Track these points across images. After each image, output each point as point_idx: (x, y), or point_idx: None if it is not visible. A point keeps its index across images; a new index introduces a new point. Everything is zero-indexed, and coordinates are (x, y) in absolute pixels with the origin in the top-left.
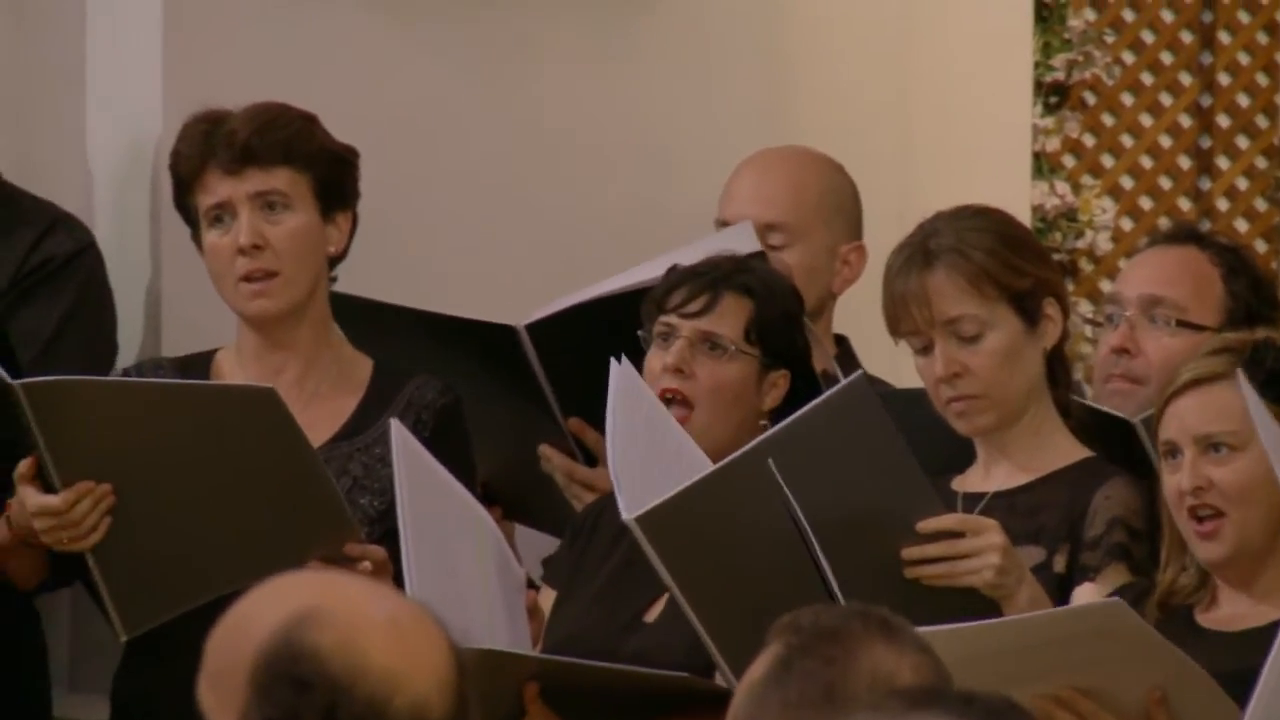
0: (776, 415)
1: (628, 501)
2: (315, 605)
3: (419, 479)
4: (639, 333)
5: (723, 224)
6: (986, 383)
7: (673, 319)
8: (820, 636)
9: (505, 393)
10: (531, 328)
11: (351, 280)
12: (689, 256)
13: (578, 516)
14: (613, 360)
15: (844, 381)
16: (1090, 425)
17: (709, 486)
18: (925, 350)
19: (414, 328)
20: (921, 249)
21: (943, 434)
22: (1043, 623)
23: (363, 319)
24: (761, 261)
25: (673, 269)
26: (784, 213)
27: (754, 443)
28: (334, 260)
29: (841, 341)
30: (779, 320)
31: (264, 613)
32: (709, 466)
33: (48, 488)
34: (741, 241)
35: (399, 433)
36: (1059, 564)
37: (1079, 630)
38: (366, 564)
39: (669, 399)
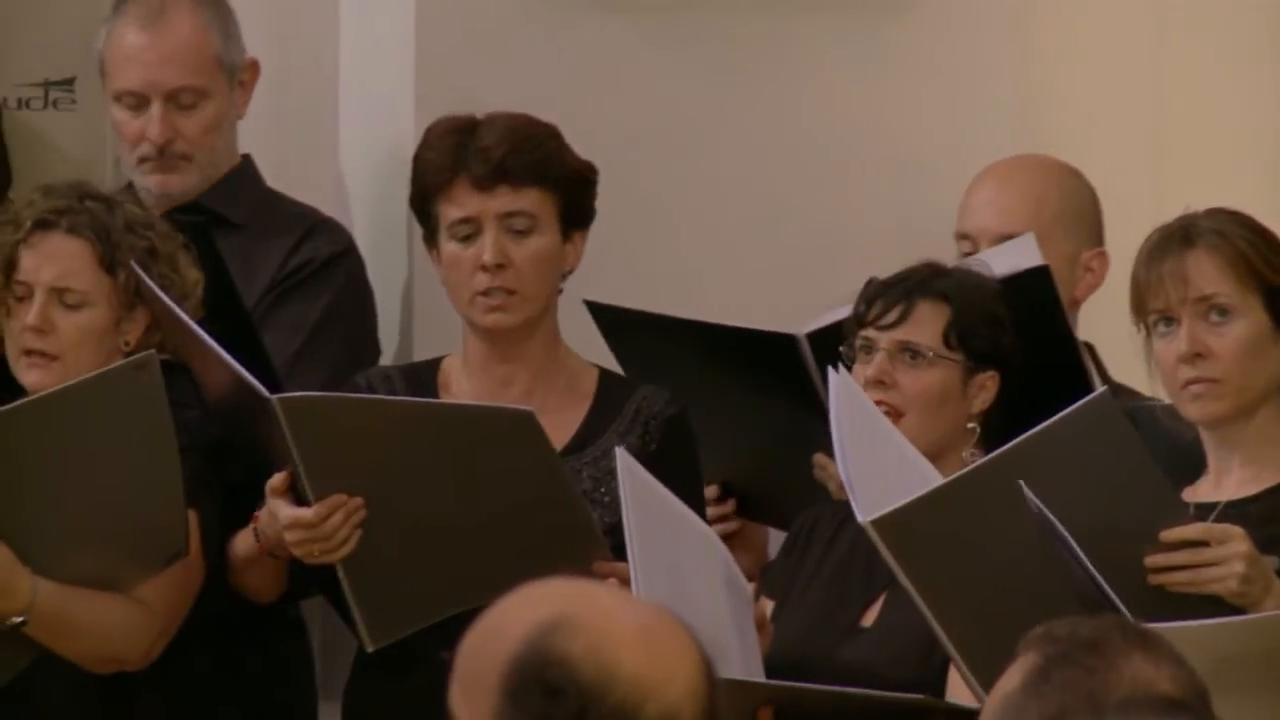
0: (987, 417)
1: (862, 504)
2: (566, 612)
3: (645, 503)
4: (840, 349)
5: (962, 236)
6: (1227, 367)
7: (871, 332)
8: (1079, 647)
9: (778, 399)
10: (812, 336)
11: (599, 288)
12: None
13: (793, 526)
14: (829, 369)
15: (1089, 396)
16: None
17: (949, 494)
18: (1170, 332)
19: (683, 336)
20: (1182, 231)
21: (1176, 448)
22: None
23: (629, 328)
24: (1037, 272)
25: (870, 282)
26: (1023, 222)
27: (999, 451)
28: (564, 276)
29: (1087, 350)
30: (980, 322)
31: (516, 619)
32: (931, 470)
33: (300, 500)
34: (1023, 255)
35: (624, 460)
36: None
37: None
38: (613, 580)
39: None
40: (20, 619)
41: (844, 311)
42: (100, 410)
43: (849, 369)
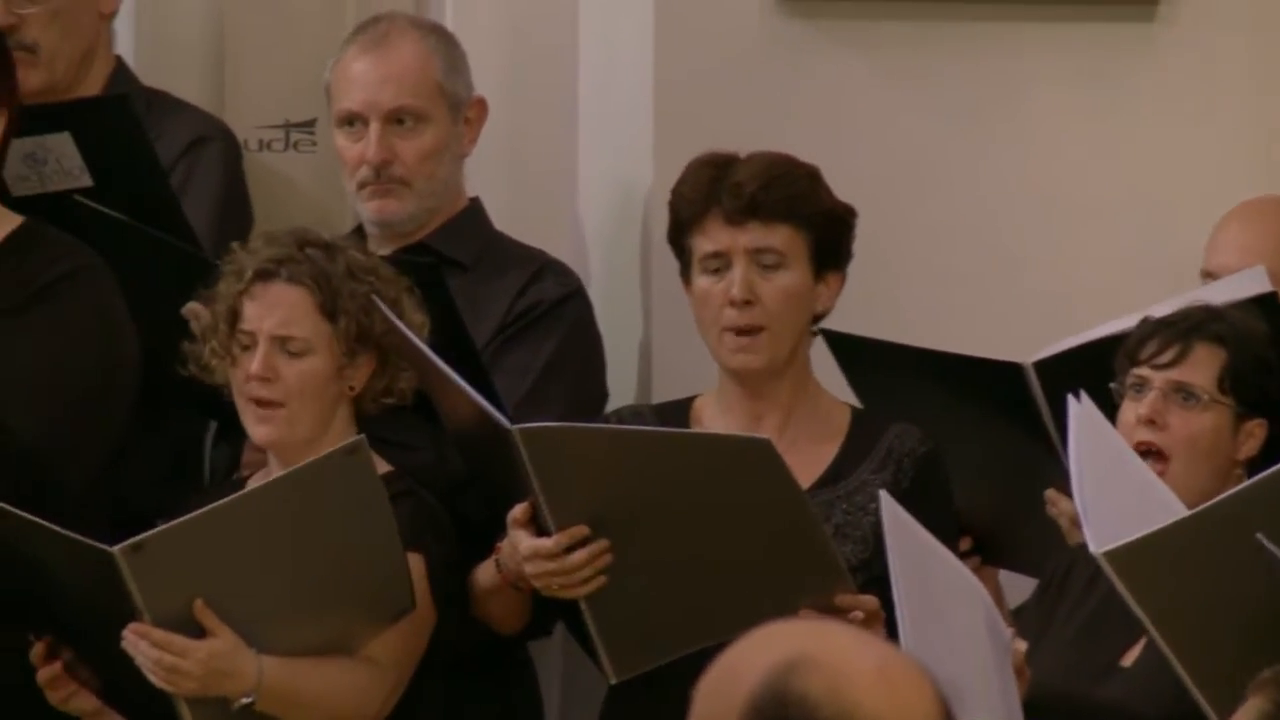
0: (1253, 465)
1: (1095, 535)
2: (805, 652)
3: (909, 549)
4: (1111, 385)
5: (1207, 275)
6: None
7: (1145, 370)
8: None
9: (1007, 432)
10: (1039, 365)
11: (836, 323)
12: (1205, 299)
13: (1048, 567)
14: (1070, 397)
15: None
16: None
17: (1184, 530)
18: None
19: (915, 365)
20: None
21: None
22: None
23: (864, 357)
24: (1263, 307)
25: (1144, 320)
26: (1264, 259)
27: (1236, 490)
28: (818, 317)
29: None
30: (1253, 369)
31: (754, 659)
32: (1177, 503)
33: (542, 532)
34: (1253, 285)
35: (887, 505)
36: None
37: None
38: (858, 613)
39: (1144, 452)
40: (249, 699)
41: (1071, 342)
42: (316, 494)
43: (1117, 405)
